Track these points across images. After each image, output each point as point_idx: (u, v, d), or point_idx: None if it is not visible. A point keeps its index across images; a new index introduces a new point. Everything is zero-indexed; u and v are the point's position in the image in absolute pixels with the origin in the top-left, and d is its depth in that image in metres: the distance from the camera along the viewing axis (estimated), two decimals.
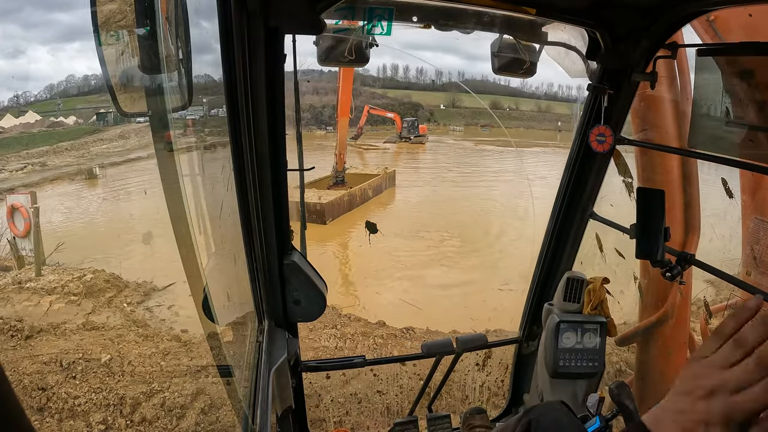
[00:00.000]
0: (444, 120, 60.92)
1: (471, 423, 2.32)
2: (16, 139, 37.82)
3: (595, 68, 1.93)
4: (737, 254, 2.36)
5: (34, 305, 8.58)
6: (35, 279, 9.69)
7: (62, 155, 32.84)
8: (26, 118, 42.37)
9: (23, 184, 22.69)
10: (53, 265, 10.88)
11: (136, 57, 0.82)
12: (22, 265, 10.77)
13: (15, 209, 11.28)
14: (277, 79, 1.49)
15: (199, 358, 6.63)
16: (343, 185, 19.77)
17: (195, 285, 0.97)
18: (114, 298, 9.45)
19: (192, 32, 0.98)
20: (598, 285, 2.06)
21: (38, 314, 8.14)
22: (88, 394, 5.81)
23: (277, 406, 1.64)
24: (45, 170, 28.51)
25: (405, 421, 2.45)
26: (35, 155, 32.80)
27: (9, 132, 40.03)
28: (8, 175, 26.79)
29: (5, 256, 11.43)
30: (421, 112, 60.11)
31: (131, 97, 0.90)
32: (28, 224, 11.04)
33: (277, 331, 1.83)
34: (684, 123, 2.11)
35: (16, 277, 9.87)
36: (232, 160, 1.38)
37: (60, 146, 34.53)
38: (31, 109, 46.83)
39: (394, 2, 1.63)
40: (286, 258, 1.81)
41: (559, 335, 2.04)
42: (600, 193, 2.20)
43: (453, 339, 2.36)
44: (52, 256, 11.33)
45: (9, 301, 8.71)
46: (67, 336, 7.34)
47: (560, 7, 1.71)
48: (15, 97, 54.89)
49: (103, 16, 0.81)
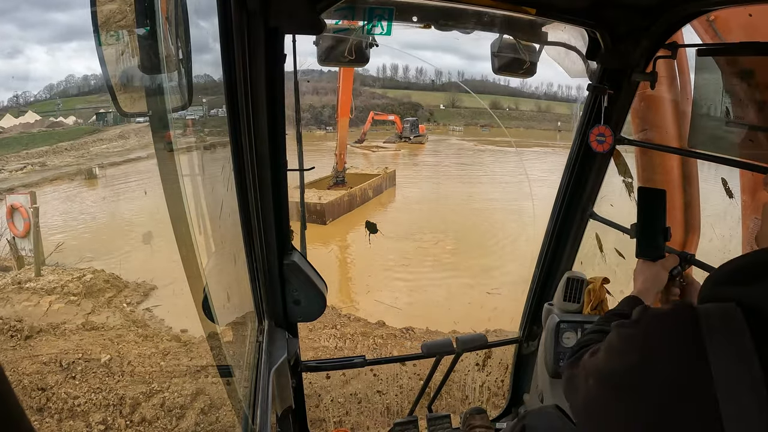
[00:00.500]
0: (444, 120, 60.92)
1: (471, 423, 2.32)
2: (15, 139, 37.86)
3: (595, 68, 1.93)
4: (737, 254, 2.36)
5: (34, 305, 8.59)
6: (35, 279, 9.71)
7: (62, 155, 32.88)
8: (26, 118, 42.39)
9: (23, 184, 22.72)
10: (53, 265, 10.90)
11: (136, 57, 0.82)
12: (21, 266, 10.80)
13: (15, 209, 11.34)
14: (277, 79, 1.49)
15: (198, 358, 6.63)
16: (344, 185, 19.74)
17: (195, 285, 0.97)
18: (113, 298, 9.45)
19: (192, 32, 0.98)
20: (598, 285, 2.06)
21: (38, 314, 8.15)
22: (87, 395, 5.80)
23: (277, 406, 1.64)
24: (45, 170, 28.55)
25: (405, 421, 2.45)
26: (35, 155, 32.85)
27: (9, 132, 40.06)
28: (8, 175, 26.84)
29: (5, 257, 11.45)
30: (421, 112, 60.14)
31: (131, 97, 0.90)
32: (27, 224, 11.09)
33: (277, 331, 1.83)
34: (684, 123, 2.11)
35: (15, 278, 9.89)
36: (232, 160, 1.38)
37: (60, 146, 34.59)
38: (30, 109, 46.82)
39: (394, 2, 1.63)
40: (286, 258, 1.81)
41: (559, 335, 2.04)
42: (600, 193, 2.20)
43: (453, 339, 2.36)
44: (51, 256, 11.37)
45: (9, 302, 8.73)
46: (66, 336, 7.35)
47: (560, 7, 1.71)
48: (15, 97, 54.99)
49: (103, 16, 0.81)
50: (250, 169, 1.45)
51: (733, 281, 0.75)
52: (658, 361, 0.73)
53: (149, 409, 5.51)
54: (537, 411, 1.24)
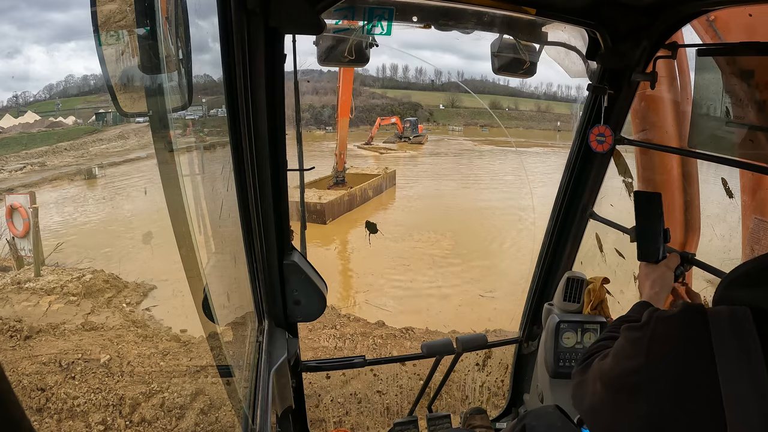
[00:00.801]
0: (443, 120, 60.89)
1: (471, 423, 2.32)
2: (15, 139, 37.83)
3: (595, 68, 1.93)
4: (737, 254, 2.36)
5: (33, 305, 8.61)
6: (34, 279, 9.73)
7: (61, 155, 32.90)
8: (25, 118, 42.44)
9: (22, 184, 22.75)
10: (52, 265, 10.93)
11: (136, 57, 0.82)
12: (21, 266, 10.81)
13: (14, 209, 11.37)
14: (277, 79, 1.49)
15: (198, 359, 6.63)
16: (344, 185, 19.69)
17: (195, 285, 0.97)
18: (113, 298, 9.45)
19: (192, 32, 0.98)
20: (598, 285, 2.06)
21: (37, 315, 8.16)
22: (87, 395, 5.80)
23: (277, 406, 1.64)
24: (44, 170, 28.58)
25: (405, 421, 2.45)
26: (34, 155, 32.86)
27: (8, 132, 40.05)
28: (7, 176, 26.87)
29: (5, 257, 11.45)
30: (421, 112, 60.11)
31: (131, 97, 0.90)
32: (27, 224, 11.12)
33: (277, 331, 1.83)
34: (684, 123, 2.10)
35: (15, 278, 9.91)
36: (232, 160, 1.38)
37: (59, 146, 34.60)
38: (30, 109, 46.81)
39: (394, 2, 1.63)
40: (286, 258, 1.81)
41: (559, 335, 2.03)
42: (600, 193, 2.20)
43: (453, 339, 2.36)
44: (51, 257, 11.40)
45: (8, 302, 8.74)
46: (66, 336, 7.36)
47: (560, 7, 1.71)
48: (14, 97, 54.98)
49: (103, 16, 0.81)
50: (250, 169, 1.45)
51: (745, 284, 0.75)
52: (665, 362, 0.73)
53: (149, 410, 5.51)
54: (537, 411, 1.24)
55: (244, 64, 1.29)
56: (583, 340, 2.05)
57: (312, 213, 16.30)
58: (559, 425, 1.27)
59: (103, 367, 6.32)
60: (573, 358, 2.04)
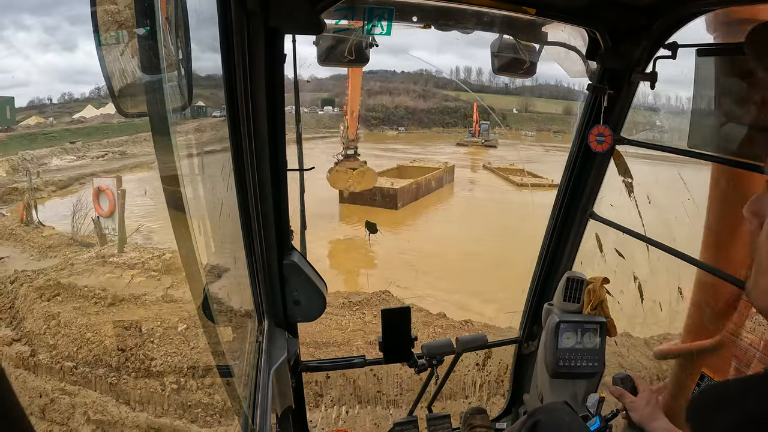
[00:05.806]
0: (516, 125, 60.03)
1: (471, 423, 2.31)
2: (96, 128, 39.67)
3: (595, 68, 1.93)
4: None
5: (117, 277, 9.16)
6: (118, 255, 10.39)
7: (140, 145, 33.77)
8: (106, 109, 43.60)
9: (104, 170, 24.35)
10: (133, 244, 11.63)
11: (135, 57, 0.82)
12: (104, 243, 11.62)
13: (101, 191, 12.28)
14: (277, 79, 1.49)
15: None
16: (356, 159, 17.93)
17: (195, 285, 0.97)
18: None
19: (192, 32, 0.98)
20: (598, 285, 2.05)
21: (121, 285, 8.70)
22: (163, 357, 6.31)
23: (277, 406, 1.64)
24: (125, 158, 30.43)
25: (405, 421, 2.45)
26: (115, 144, 34.76)
27: (90, 122, 42.25)
28: (90, 161, 28.86)
29: (88, 234, 12.37)
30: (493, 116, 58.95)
31: (131, 97, 0.90)
32: (112, 205, 12.04)
33: (277, 331, 1.83)
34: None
35: (99, 252, 10.63)
36: (232, 160, 1.38)
37: (139, 136, 35.13)
38: (110, 101, 47.93)
39: (394, 2, 1.63)
40: (286, 258, 1.81)
41: (559, 335, 2.04)
42: (600, 193, 2.20)
43: (453, 339, 2.36)
44: (132, 237, 12.19)
45: (93, 273, 9.28)
46: (147, 306, 7.88)
47: (560, 7, 1.71)
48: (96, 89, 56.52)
49: (103, 16, 0.81)
50: (250, 169, 1.45)
51: None
52: None
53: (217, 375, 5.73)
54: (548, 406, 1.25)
55: (244, 64, 1.29)
56: (582, 340, 2.05)
57: (384, 197, 16.96)
58: (569, 420, 1.28)
59: (180, 335, 6.74)
60: (573, 358, 2.04)
